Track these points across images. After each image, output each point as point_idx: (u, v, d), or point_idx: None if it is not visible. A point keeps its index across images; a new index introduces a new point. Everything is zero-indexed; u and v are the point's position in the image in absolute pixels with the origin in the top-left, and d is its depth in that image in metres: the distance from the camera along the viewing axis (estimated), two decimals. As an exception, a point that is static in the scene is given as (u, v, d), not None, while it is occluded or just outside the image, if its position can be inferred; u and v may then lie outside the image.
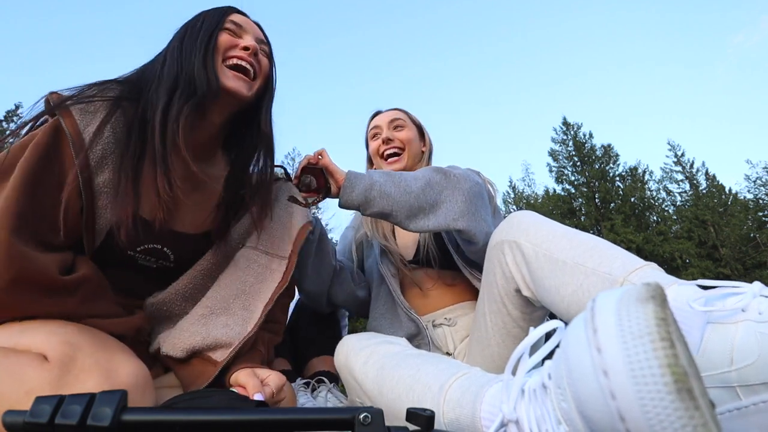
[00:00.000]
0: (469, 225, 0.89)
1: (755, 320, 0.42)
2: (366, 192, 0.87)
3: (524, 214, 0.77)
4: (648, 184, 23.17)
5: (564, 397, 0.34)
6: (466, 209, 0.89)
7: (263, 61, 0.80)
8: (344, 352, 0.80)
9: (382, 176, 0.90)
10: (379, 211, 0.88)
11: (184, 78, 0.69)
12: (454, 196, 0.90)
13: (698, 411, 0.26)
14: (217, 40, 0.73)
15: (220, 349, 0.71)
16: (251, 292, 0.79)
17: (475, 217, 0.90)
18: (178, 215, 0.75)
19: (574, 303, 0.62)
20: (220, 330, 0.72)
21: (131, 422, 0.32)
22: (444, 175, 0.92)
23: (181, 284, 0.77)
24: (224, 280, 0.79)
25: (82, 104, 0.64)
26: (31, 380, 0.47)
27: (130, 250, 0.71)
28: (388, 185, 0.88)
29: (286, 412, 0.35)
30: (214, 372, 0.69)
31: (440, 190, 0.90)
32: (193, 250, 0.79)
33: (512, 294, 0.77)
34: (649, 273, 0.56)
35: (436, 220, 0.89)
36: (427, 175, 0.91)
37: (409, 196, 0.87)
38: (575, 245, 0.66)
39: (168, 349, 0.71)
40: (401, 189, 0.88)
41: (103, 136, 0.64)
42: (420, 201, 0.88)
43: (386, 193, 0.87)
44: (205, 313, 0.75)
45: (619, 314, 0.30)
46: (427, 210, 0.89)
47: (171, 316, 0.78)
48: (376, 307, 1.14)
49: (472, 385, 0.49)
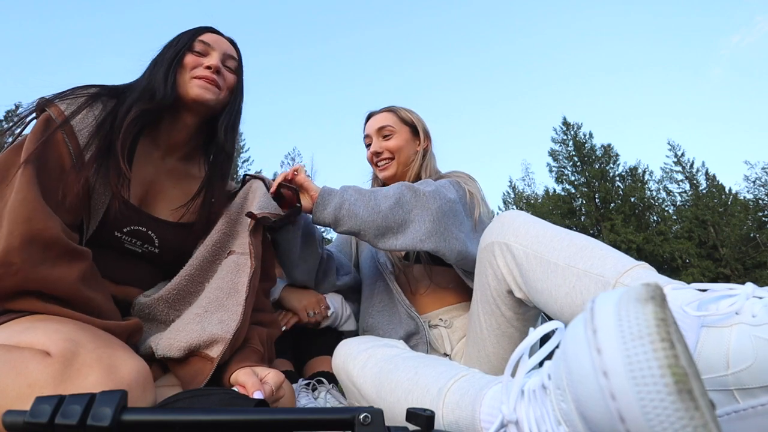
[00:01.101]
0: (438, 245, 0.91)
1: (749, 323, 0.42)
2: (335, 211, 0.90)
3: (514, 214, 0.76)
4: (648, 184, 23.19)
5: (564, 397, 0.34)
6: (434, 229, 0.91)
7: (228, 77, 0.90)
8: (342, 356, 0.79)
9: (354, 194, 0.92)
10: (348, 230, 0.92)
11: (148, 89, 0.81)
12: (422, 217, 0.92)
13: (698, 411, 0.26)
14: (183, 60, 0.85)
15: (216, 345, 0.72)
16: (243, 291, 0.81)
17: (444, 236, 0.92)
18: (158, 204, 0.85)
19: (568, 305, 0.62)
20: (216, 326, 0.74)
21: (131, 422, 0.32)
22: (414, 194, 0.94)
23: (166, 290, 0.80)
24: (217, 283, 0.82)
25: (67, 99, 0.75)
26: (34, 374, 0.48)
27: (116, 231, 0.78)
28: (358, 205, 0.90)
29: (287, 412, 0.35)
30: (211, 369, 0.69)
31: (409, 210, 0.92)
32: (176, 239, 0.85)
33: (505, 295, 0.77)
34: (642, 273, 0.56)
35: (404, 240, 0.91)
36: (397, 193, 0.93)
37: (377, 216, 0.90)
38: (566, 246, 0.65)
39: (164, 351, 0.72)
40: (370, 208, 0.90)
41: (88, 121, 0.74)
42: (388, 221, 0.90)
43: (355, 213, 0.90)
44: (199, 312, 0.77)
45: (618, 315, 0.30)
46: (395, 230, 0.91)
47: (157, 320, 0.80)
48: (373, 304, 1.13)
49: (471, 387, 0.49)
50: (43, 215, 0.61)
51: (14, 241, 0.58)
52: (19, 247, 0.58)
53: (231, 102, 0.90)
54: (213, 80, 0.85)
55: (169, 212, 0.85)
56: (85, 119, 0.74)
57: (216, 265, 0.86)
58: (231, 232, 0.90)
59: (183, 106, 0.85)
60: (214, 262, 0.86)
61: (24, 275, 0.58)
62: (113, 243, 0.79)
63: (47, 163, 0.68)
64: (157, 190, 0.85)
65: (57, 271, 0.60)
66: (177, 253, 0.86)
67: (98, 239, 0.76)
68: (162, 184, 0.86)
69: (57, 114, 0.72)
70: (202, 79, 0.84)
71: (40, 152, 0.67)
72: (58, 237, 0.61)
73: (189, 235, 0.87)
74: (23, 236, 0.58)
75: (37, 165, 0.66)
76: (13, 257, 0.57)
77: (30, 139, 0.68)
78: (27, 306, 0.59)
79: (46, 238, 0.60)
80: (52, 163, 0.68)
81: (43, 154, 0.68)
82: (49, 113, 0.72)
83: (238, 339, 0.74)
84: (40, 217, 0.61)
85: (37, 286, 0.59)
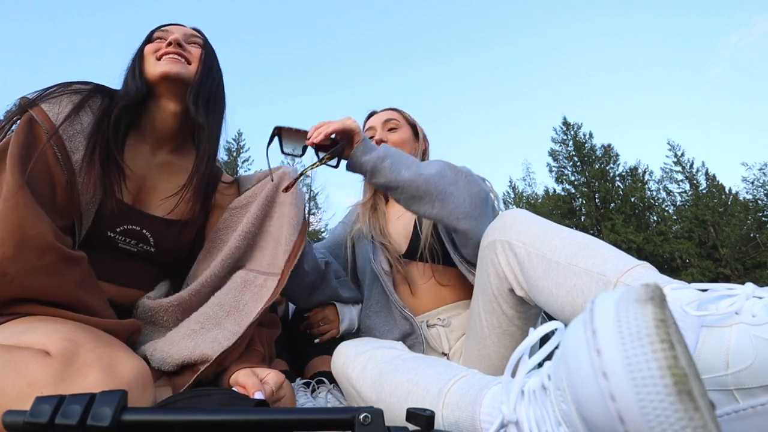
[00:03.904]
0: (470, 227, 0.89)
1: (749, 323, 0.42)
2: (377, 161, 0.86)
3: (516, 213, 0.76)
4: (648, 184, 23.17)
5: (563, 398, 0.34)
6: (471, 211, 0.89)
7: (194, 50, 0.87)
8: (341, 359, 0.79)
9: (396, 153, 0.90)
10: (385, 183, 0.88)
11: (125, 89, 0.83)
12: (462, 195, 0.89)
13: (698, 412, 0.26)
14: (143, 50, 0.85)
15: (203, 365, 0.71)
16: (245, 311, 0.79)
17: (477, 221, 0.90)
18: (152, 201, 0.83)
19: (568, 304, 0.62)
20: (208, 344, 0.72)
21: (131, 422, 0.32)
22: (455, 172, 0.91)
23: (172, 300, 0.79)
24: (219, 298, 0.80)
25: (49, 99, 0.73)
26: (33, 373, 0.48)
27: (109, 231, 0.76)
28: (400, 163, 0.88)
29: (286, 412, 0.35)
30: (190, 379, 0.69)
31: (450, 183, 0.89)
32: (172, 236, 0.84)
33: (506, 293, 0.76)
34: (643, 273, 0.56)
35: (441, 211, 0.88)
36: (438, 165, 0.91)
37: (419, 178, 0.87)
38: (567, 245, 0.65)
39: (158, 364, 0.71)
40: (412, 170, 0.87)
41: (78, 118, 0.73)
42: (429, 186, 0.87)
43: (397, 169, 0.86)
44: (195, 329, 0.75)
45: (618, 316, 0.30)
46: (434, 197, 0.88)
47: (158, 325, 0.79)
48: (370, 305, 1.13)
49: (471, 388, 0.49)
50: (36, 220, 0.60)
51: (7, 251, 0.56)
52: (12, 257, 0.56)
53: (202, 73, 0.86)
54: (177, 53, 0.83)
55: (160, 206, 0.83)
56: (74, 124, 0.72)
57: (226, 280, 0.84)
58: (248, 245, 0.87)
59: (159, 93, 0.83)
60: (225, 278, 0.84)
61: (19, 284, 0.57)
62: (107, 244, 0.77)
63: (34, 168, 0.66)
64: (149, 186, 0.83)
65: (53, 279, 0.59)
66: (173, 251, 0.85)
67: (91, 241, 0.74)
68: (154, 180, 0.84)
69: (40, 115, 0.70)
70: (165, 54, 0.83)
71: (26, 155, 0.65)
72: (51, 243, 0.60)
73: (184, 232, 0.86)
74: (16, 244, 0.57)
75: (24, 169, 0.64)
76: (7, 267, 0.56)
77: (14, 142, 0.66)
78: (24, 310, 0.59)
79: (40, 245, 0.59)
80: (39, 167, 0.66)
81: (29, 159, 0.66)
82: (32, 114, 0.70)
83: (227, 360, 0.73)
84: (33, 223, 0.59)
85: (34, 294, 0.58)
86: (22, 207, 0.59)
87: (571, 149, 23.67)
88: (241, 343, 0.74)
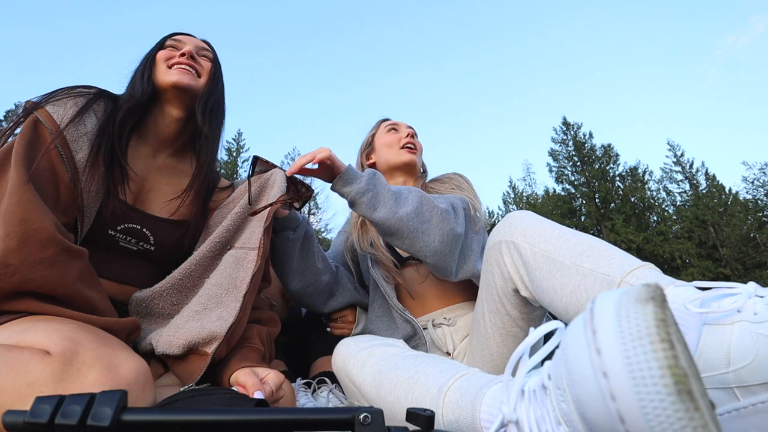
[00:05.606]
0: (437, 262, 0.97)
1: (751, 321, 0.42)
2: (357, 195, 0.91)
3: (522, 214, 0.77)
4: (648, 184, 23.17)
5: (564, 398, 0.34)
6: (440, 249, 0.95)
7: (204, 63, 0.92)
8: (342, 355, 0.79)
9: (378, 187, 0.93)
10: (361, 215, 0.94)
11: (131, 91, 0.86)
12: (433, 234, 0.95)
13: (698, 412, 0.26)
14: (156, 56, 0.88)
15: (213, 342, 0.72)
16: (242, 287, 0.80)
17: (446, 258, 0.97)
18: (152, 201, 0.85)
19: (572, 304, 0.62)
20: (215, 323, 0.73)
21: (131, 422, 0.32)
22: (431, 209, 0.96)
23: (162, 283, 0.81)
24: (216, 278, 0.81)
25: (54, 102, 0.75)
26: (34, 373, 0.48)
27: (110, 229, 0.78)
28: (378, 200, 0.92)
29: (287, 412, 0.35)
30: (205, 364, 0.69)
31: (424, 221, 0.94)
32: (172, 235, 0.86)
33: (511, 294, 0.77)
34: (647, 273, 0.56)
35: (411, 248, 0.94)
36: (416, 201, 0.95)
37: (393, 216, 0.91)
38: (572, 245, 0.65)
39: (164, 348, 0.72)
40: (388, 207, 0.92)
41: (82, 121, 0.75)
42: (401, 226, 0.92)
43: (373, 207, 0.91)
44: (198, 309, 0.76)
45: (618, 315, 0.30)
46: (405, 236, 0.94)
47: (155, 315, 0.80)
48: (373, 310, 1.15)
49: (471, 387, 0.49)
50: (39, 215, 0.61)
51: (11, 243, 0.58)
52: (16, 249, 0.58)
53: (211, 86, 0.91)
54: (189, 65, 0.87)
55: (162, 208, 0.86)
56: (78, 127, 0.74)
57: (217, 261, 0.85)
58: (236, 228, 0.89)
59: (165, 99, 0.87)
60: (215, 258, 0.85)
61: (22, 276, 0.58)
62: (108, 242, 0.79)
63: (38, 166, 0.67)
64: (149, 187, 0.86)
65: (55, 271, 0.60)
66: (173, 250, 0.86)
67: (92, 239, 0.76)
68: (154, 181, 0.86)
69: (44, 116, 0.72)
70: (177, 64, 0.86)
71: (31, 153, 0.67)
72: (53, 235, 0.61)
73: (184, 232, 0.88)
74: (20, 237, 0.58)
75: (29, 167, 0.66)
76: (11, 259, 0.57)
77: (19, 141, 0.68)
78: (24, 307, 0.59)
79: (43, 237, 0.60)
80: (43, 166, 0.68)
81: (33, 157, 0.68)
82: (36, 116, 0.72)
83: (234, 335, 0.74)
84: (36, 217, 0.61)
85: (35, 286, 0.59)
86: (26, 202, 0.61)
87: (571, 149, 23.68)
88: (243, 317, 0.76)
